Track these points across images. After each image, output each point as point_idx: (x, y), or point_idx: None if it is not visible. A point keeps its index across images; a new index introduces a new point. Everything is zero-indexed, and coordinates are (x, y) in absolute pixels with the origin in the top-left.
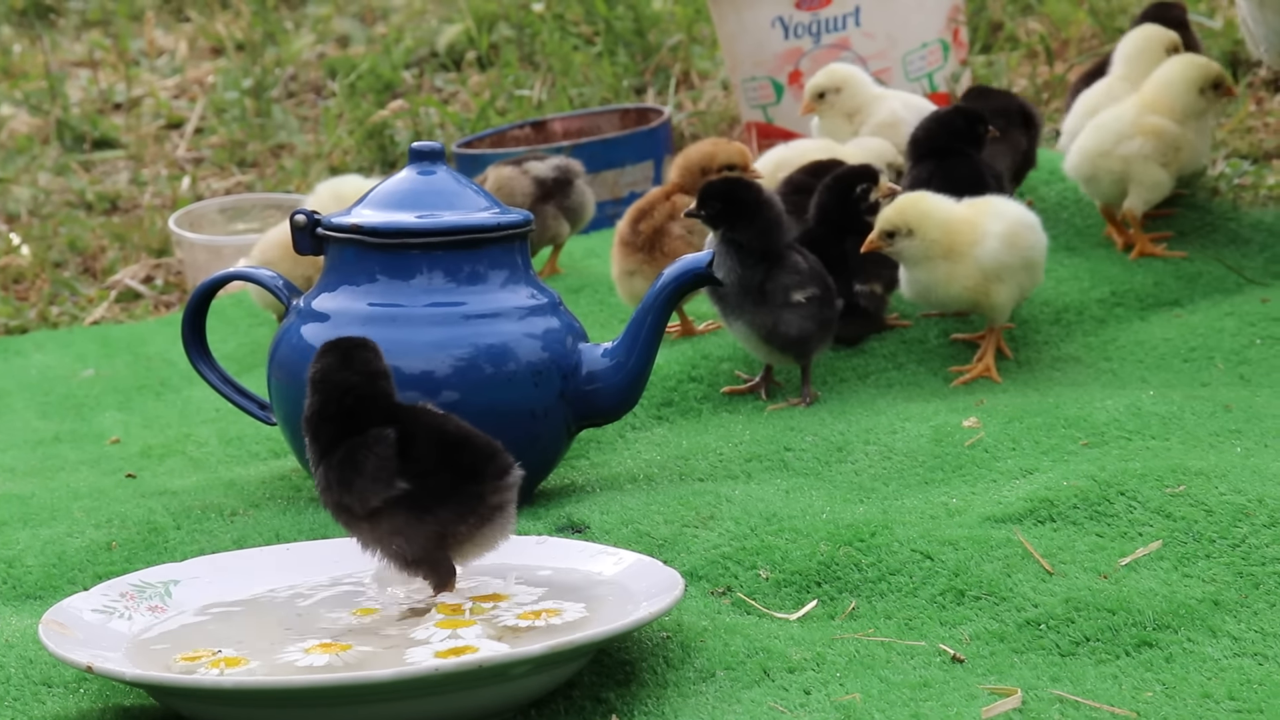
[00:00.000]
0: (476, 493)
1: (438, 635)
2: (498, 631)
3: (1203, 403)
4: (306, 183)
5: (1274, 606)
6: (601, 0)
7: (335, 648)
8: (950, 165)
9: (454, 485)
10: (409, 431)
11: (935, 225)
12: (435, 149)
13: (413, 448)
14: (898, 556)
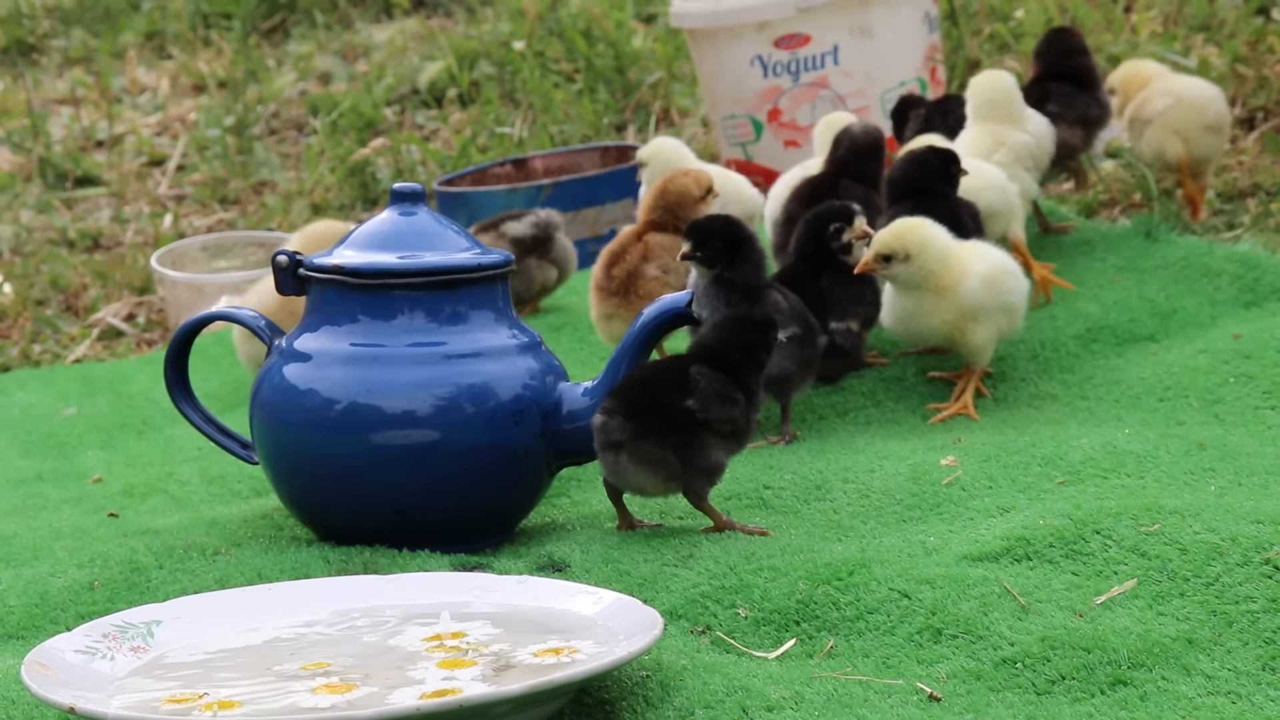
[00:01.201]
0: None
1: (435, 675)
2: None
3: (1177, 441)
4: (288, 220)
5: (1247, 645)
6: (582, 38)
7: (341, 688)
8: (927, 206)
9: None
10: None
11: (934, 255)
12: (416, 190)
13: None
14: (875, 595)
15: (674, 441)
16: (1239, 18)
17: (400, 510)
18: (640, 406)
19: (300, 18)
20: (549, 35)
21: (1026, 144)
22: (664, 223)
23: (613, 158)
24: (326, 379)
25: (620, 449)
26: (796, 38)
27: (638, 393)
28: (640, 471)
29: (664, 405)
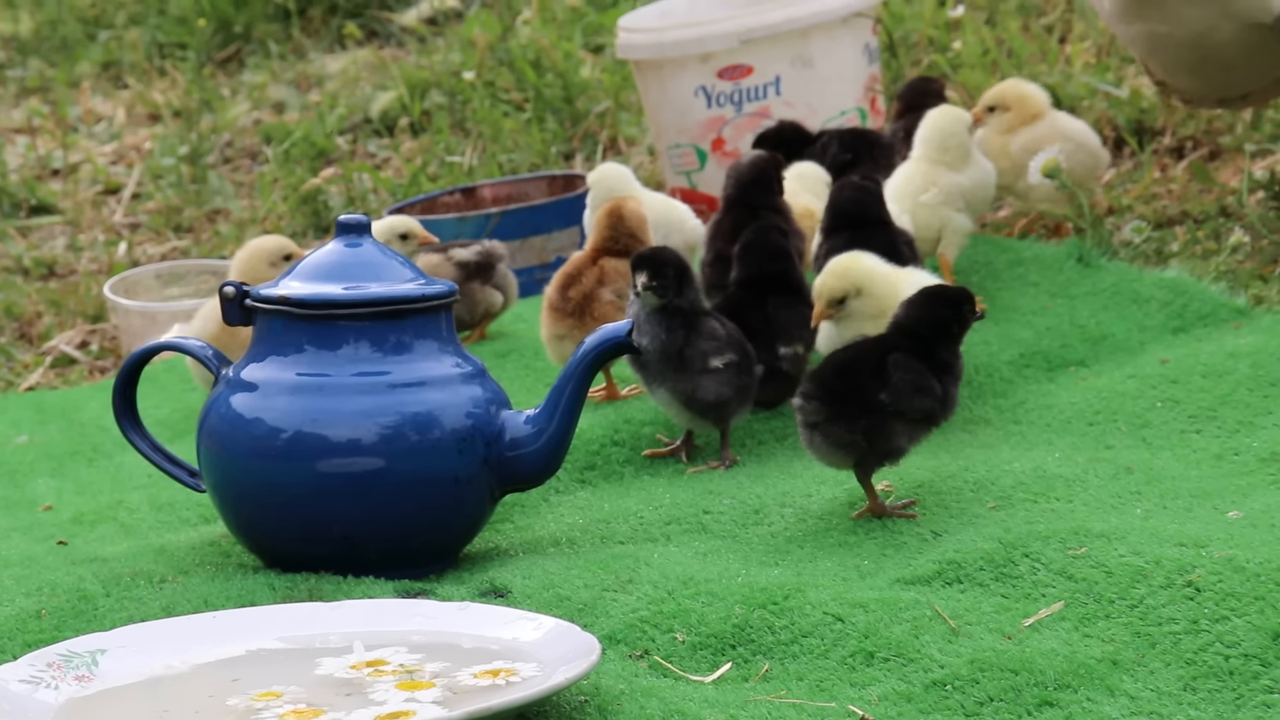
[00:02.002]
0: None
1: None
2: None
3: (1106, 465)
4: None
5: (1169, 666)
6: (531, 69)
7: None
8: (865, 235)
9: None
10: None
11: (883, 283)
12: (362, 221)
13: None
14: (810, 619)
15: (864, 425)
16: None
17: (345, 537)
18: (837, 392)
19: (255, 48)
20: (499, 65)
21: (959, 185)
22: (619, 248)
23: (559, 186)
24: (272, 408)
25: (815, 429)
26: (739, 68)
27: (836, 378)
28: (833, 452)
29: (859, 392)
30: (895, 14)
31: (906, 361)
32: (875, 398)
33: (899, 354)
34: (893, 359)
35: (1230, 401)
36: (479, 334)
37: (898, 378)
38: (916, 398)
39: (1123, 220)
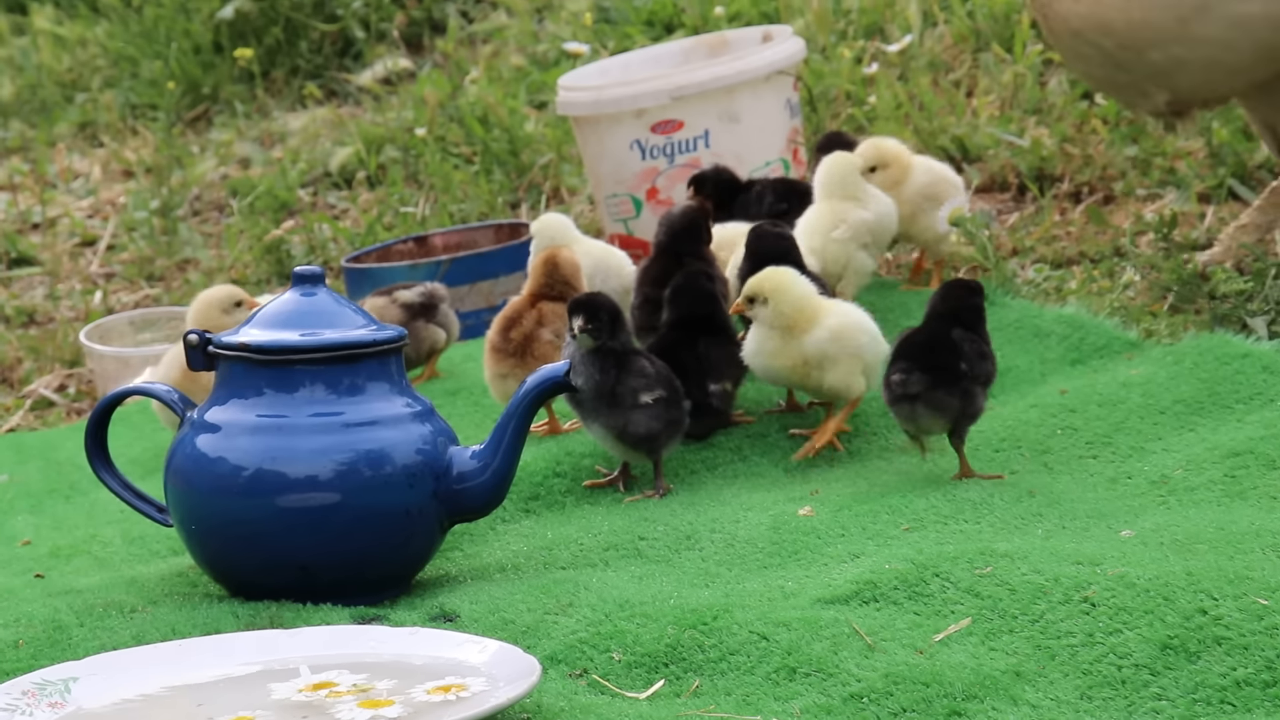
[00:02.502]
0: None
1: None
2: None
3: (1010, 489)
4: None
5: (1067, 676)
6: (479, 124)
7: None
8: None
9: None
10: None
11: (788, 301)
12: (316, 273)
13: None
14: (737, 637)
15: (959, 390)
16: (1066, 102)
17: (304, 567)
18: (930, 364)
19: (222, 108)
20: (449, 122)
21: (866, 221)
22: (554, 293)
23: (506, 234)
24: (235, 448)
25: (917, 399)
26: (671, 123)
27: (924, 353)
28: (934, 417)
29: (945, 364)
30: (815, 71)
31: (970, 336)
32: (959, 368)
33: (959, 329)
34: (957, 334)
35: (1123, 429)
36: (429, 372)
37: (969, 349)
38: (984, 363)
39: (1025, 261)
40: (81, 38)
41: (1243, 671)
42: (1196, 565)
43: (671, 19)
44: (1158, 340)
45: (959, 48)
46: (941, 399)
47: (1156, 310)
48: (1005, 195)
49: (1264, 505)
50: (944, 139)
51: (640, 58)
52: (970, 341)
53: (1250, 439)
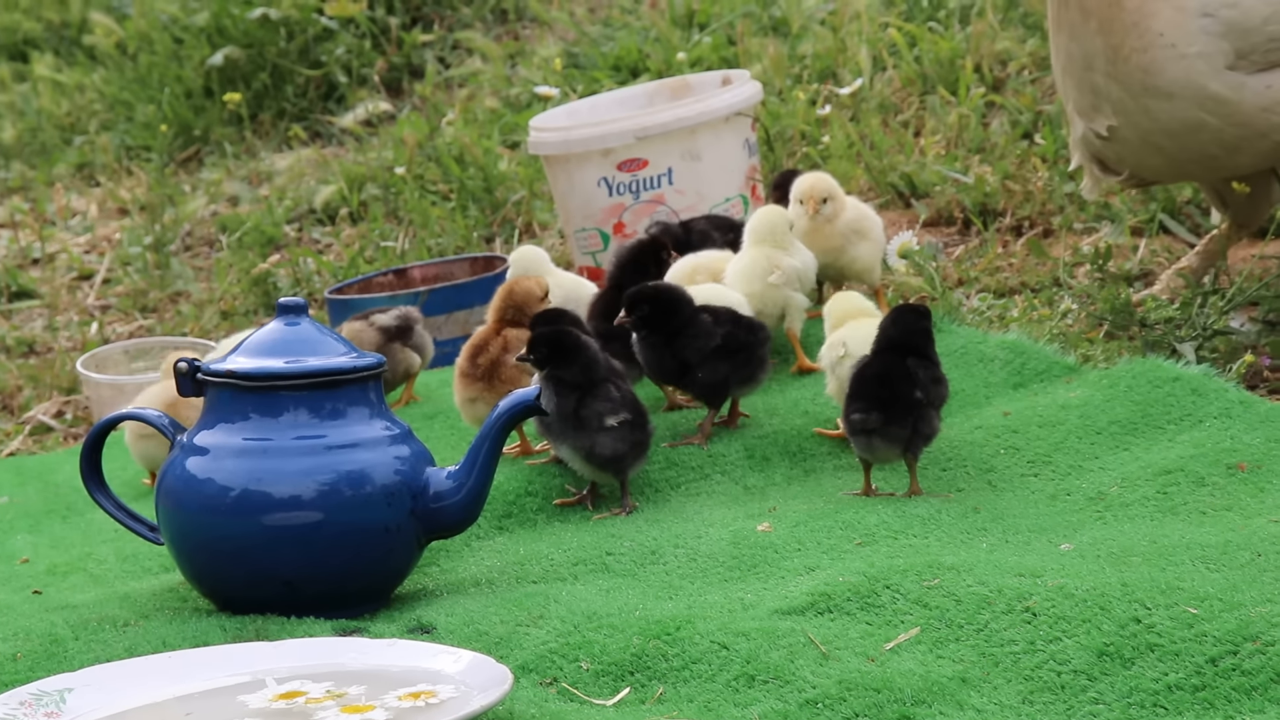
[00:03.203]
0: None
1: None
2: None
3: (956, 506)
4: (199, 325)
5: (1010, 682)
6: (455, 163)
7: None
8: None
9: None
10: None
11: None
12: (299, 304)
13: None
14: (699, 647)
15: (912, 420)
16: (1008, 141)
17: (289, 582)
18: (887, 398)
19: (212, 149)
20: (427, 161)
21: (795, 268)
22: (515, 319)
23: (481, 266)
24: (222, 469)
25: (874, 433)
26: (636, 162)
27: (880, 387)
28: (890, 447)
29: (900, 394)
30: (772, 112)
31: (923, 363)
32: (914, 396)
33: (913, 358)
34: (911, 362)
35: (1063, 448)
36: (408, 395)
37: (923, 375)
38: (938, 388)
39: (970, 290)
40: (79, 84)
41: (1174, 676)
42: (1131, 576)
43: (637, 64)
44: (1094, 365)
45: (907, 90)
46: (896, 432)
47: (1093, 337)
48: (951, 229)
49: (1193, 520)
50: (893, 176)
51: (607, 100)
52: (924, 368)
53: (1180, 457)
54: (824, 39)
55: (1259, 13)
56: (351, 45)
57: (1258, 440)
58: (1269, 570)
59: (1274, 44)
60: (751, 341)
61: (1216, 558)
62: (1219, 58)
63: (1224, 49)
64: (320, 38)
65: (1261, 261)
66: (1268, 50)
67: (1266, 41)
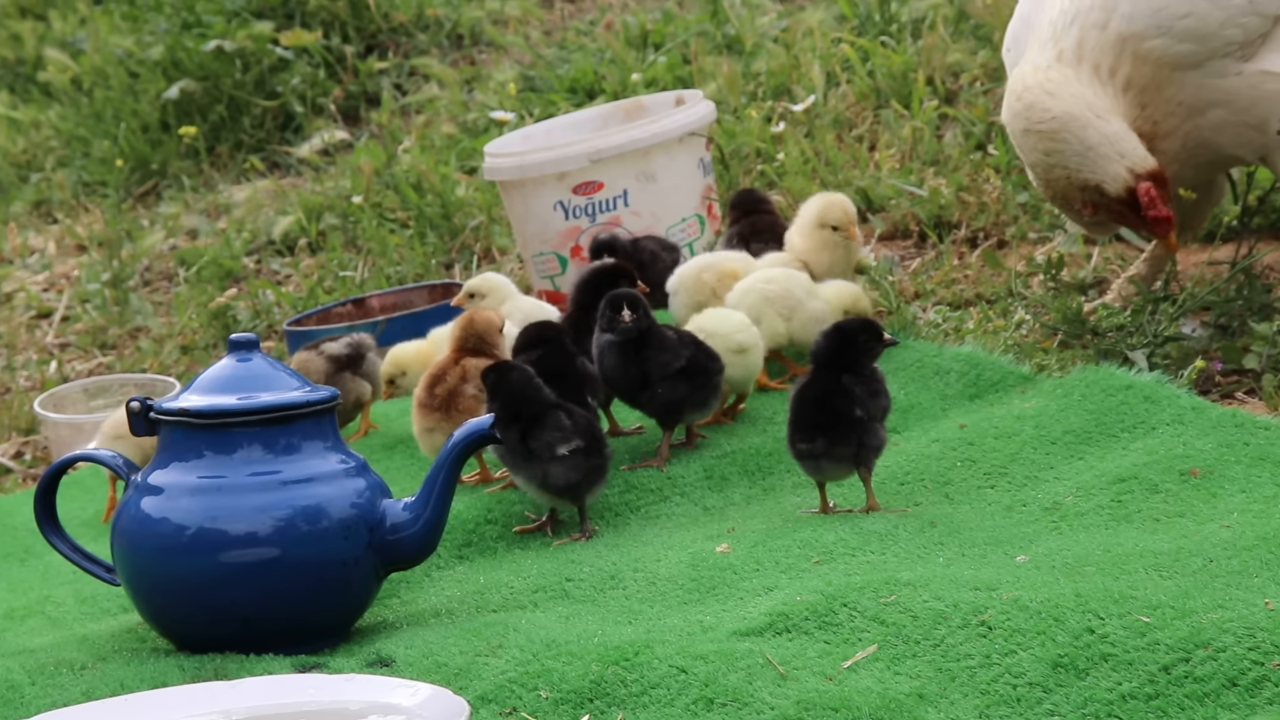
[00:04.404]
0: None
1: None
2: None
3: (913, 520)
4: (159, 361)
5: (966, 697)
6: (413, 190)
7: None
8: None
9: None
10: None
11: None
12: (251, 339)
13: None
14: (657, 671)
15: (856, 437)
16: (961, 153)
17: (246, 620)
18: (828, 422)
19: (170, 182)
20: (385, 189)
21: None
22: (475, 349)
23: (439, 294)
24: (177, 508)
25: (820, 458)
26: (591, 184)
27: (819, 411)
28: (837, 468)
29: (841, 414)
30: (727, 131)
31: (859, 379)
32: (854, 414)
33: (849, 375)
34: (846, 379)
35: (1019, 459)
36: (365, 425)
37: (861, 391)
38: (877, 400)
39: (927, 303)
40: (35, 120)
41: (1128, 686)
42: (1085, 587)
43: (593, 85)
44: (1049, 374)
45: (861, 105)
46: (842, 451)
47: (1047, 346)
48: (907, 242)
49: (1147, 527)
50: (849, 191)
51: (562, 123)
52: (860, 383)
53: (1134, 465)
54: (777, 56)
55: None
56: (307, 75)
57: (1209, 446)
58: (1220, 576)
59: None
60: (710, 368)
61: (1169, 565)
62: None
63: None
64: (276, 68)
65: (1212, 267)
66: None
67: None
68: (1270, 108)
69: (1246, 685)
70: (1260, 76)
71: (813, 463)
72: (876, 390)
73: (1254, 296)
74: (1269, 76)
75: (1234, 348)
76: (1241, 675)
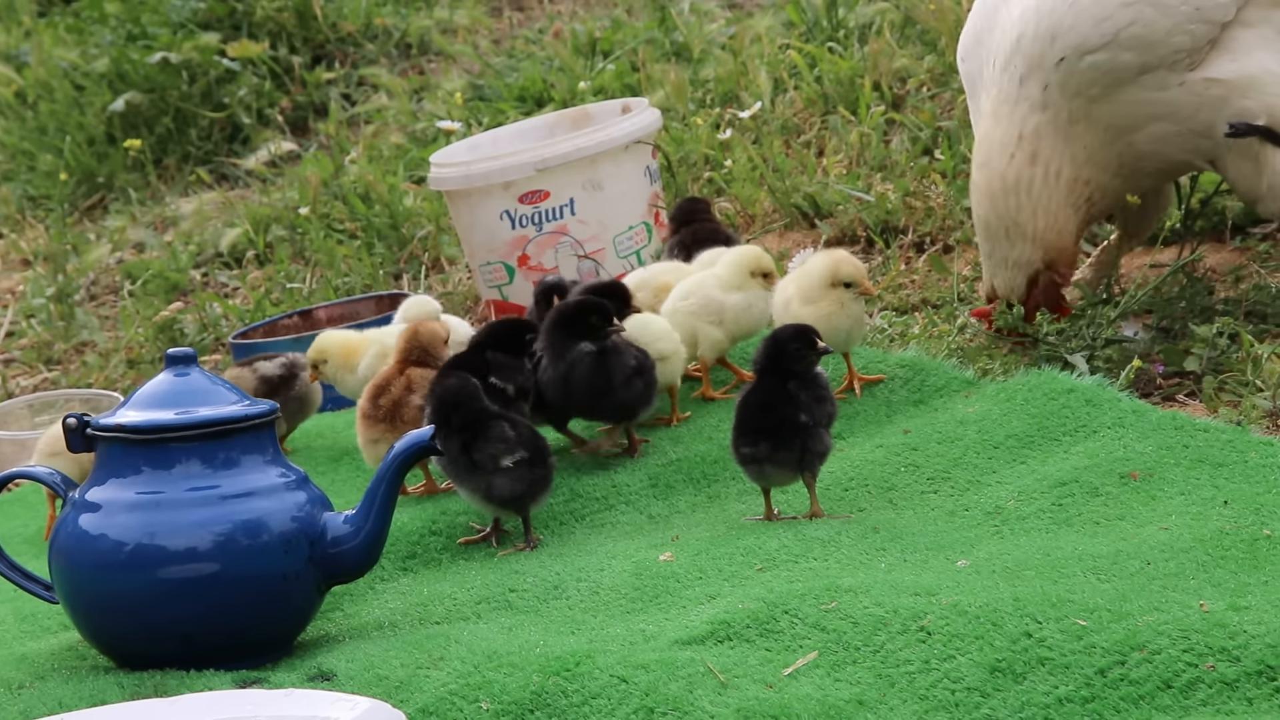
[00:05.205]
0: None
1: None
2: None
3: (857, 526)
4: (105, 375)
5: (906, 702)
6: (360, 201)
7: None
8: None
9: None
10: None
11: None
12: (188, 354)
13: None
14: (598, 681)
15: (800, 442)
16: (908, 158)
17: (186, 636)
18: (772, 426)
19: (117, 195)
20: (333, 199)
21: (718, 301)
22: (419, 360)
23: (386, 304)
24: (115, 525)
25: (764, 462)
26: (538, 193)
27: (763, 416)
28: (780, 473)
29: (785, 420)
30: (676, 138)
31: (803, 385)
32: (799, 420)
33: (794, 381)
34: (793, 385)
35: (961, 464)
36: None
37: (805, 397)
38: (823, 406)
39: (873, 309)
40: None
41: (1064, 689)
42: (1024, 590)
43: (541, 94)
44: (992, 379)
45: (808, 111)
46: (786, 456)
47: (991, 350)
48: (855, 247)
49: (1087, 530)
50: (797, 197)
51: (508, 133)
52: (805, 389)
53: (1075, 468)
54: (725, 63)
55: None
56: (254, 86)
57: (1149, 449)
58: (1157, 579)
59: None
60: (650, 365)
61: (1107, 568)
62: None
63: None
64: (223, 80)
65: (1154, 270)
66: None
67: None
68: (1216, 113)
69: (1181, 687)
70: (1204, 84)
71: (756, 467)
72: (822, 396)
73: (1195, 299)
74: (1213, 83)
75: (1175, 350)
76: (1176, 677)
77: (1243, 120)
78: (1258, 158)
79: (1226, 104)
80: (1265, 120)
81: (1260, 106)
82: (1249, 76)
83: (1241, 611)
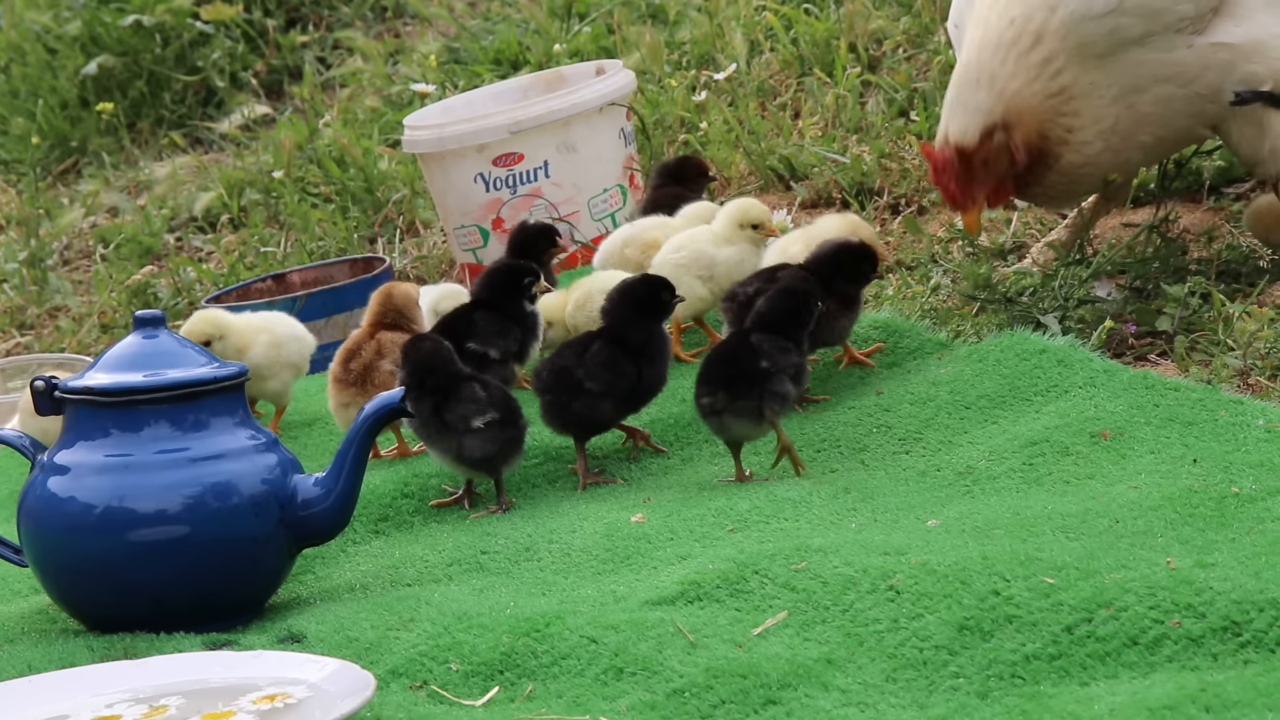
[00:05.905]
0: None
1: None
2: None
3: (828, 487)
4: (78, 340)
5: (874, 661)
6: (335, 164)
7: None
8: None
9: None
10: None
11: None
12: (157, 316)
13: None
14: (568, 642)
15: (758, 390)
16: (883, 120)
17: (156, 599)
18: (730, 376)
19: (90, 159)
20: (307, 163)
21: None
22: (392, 323)
23: (360, 268)
24: (84, 487)
25: (723, 414)
26: (512, 156)
27: (723, 367)
28: (739, 423)
29: (744, 370)
30: (651, 100)
31: (767, 337)
32: (758, 367)
33: (759, 333)
34: (756, 338)
35: (933, 425)
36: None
37: (769, 346)
38: (786, 356)
39: None
40: None
41: (1031, 647)
42: (992, 549)
43: (518, 56)
44: (965, 340)
45: (785, 73)
46: (743, 405)
47: (964, 312)
48: (830, 210)
49: (1057, 490)
50: (772, 159)
51: (483, 95)
52: (769, 340)
53: (1046, 428)
54: (700, 25)
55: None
56: (228, 49)
57: (1120, 408)
58: (1125, 536)
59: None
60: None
61: (1076, 526)
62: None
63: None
64: (196, 42)
65: (1128, 229)
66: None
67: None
68: (1222, 76)
69: (1146, 644)
70: (1211, 49)
71: (716, 420)
72: (786, 347)
73: (1169, 259)
74: (1220, 47)
75: (1148, 310)
76: (1142, 634)
77: (1248, 87)
78: (1261, 122)
79: (1233, 68)
80: (1271, 85)
81: (1267, 70)
82: (1255, 40)
83: (1208, 568)
